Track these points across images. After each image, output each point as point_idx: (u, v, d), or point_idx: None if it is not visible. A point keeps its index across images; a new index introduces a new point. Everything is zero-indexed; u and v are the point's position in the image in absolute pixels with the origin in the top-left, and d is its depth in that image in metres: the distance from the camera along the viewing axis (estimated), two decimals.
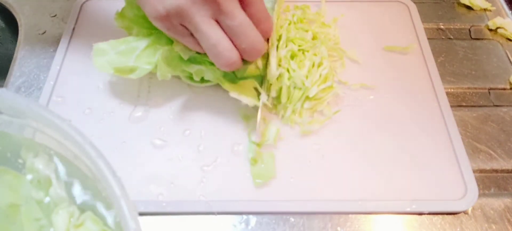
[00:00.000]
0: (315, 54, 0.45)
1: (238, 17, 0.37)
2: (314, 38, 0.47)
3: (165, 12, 0.36)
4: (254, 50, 0.38)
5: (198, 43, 0.39)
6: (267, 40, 0.42)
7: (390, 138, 0.42)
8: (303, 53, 0.45)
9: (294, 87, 0.43)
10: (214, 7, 0.36)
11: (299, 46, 0.45)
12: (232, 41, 0.38)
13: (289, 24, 0.47)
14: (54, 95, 0.45)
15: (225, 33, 0.38)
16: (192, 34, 0.38)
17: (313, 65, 0.44)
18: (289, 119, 0.43)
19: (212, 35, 0.37)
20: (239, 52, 0.38)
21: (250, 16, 0.38)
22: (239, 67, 0.39)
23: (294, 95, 0.43)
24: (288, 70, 0.43)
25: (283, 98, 0.43)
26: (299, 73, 0.43)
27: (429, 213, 0.38)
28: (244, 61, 0.40)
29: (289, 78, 0.43)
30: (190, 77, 0.44)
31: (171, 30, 0.38)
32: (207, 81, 0.44)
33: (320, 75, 0.44)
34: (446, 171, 0.40)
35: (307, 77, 0.43)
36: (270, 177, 0.39)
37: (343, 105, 0.45)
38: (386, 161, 0.41)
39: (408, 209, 0.38)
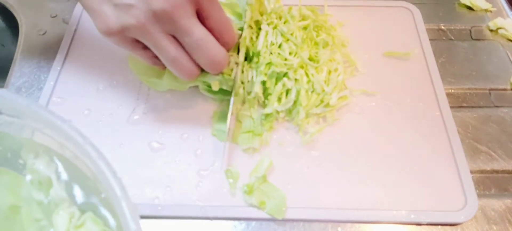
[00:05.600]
0: (330, 60, 0.45)
1: (196, 33, 0.36)
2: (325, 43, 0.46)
3: (119, 29, 0.36)
4: (214, 64, 0.38)
5: (151, 56, 0.39)
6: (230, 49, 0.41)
7: (390, 146, 0.42)
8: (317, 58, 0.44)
9: (312, 92, 0.43)
10: (170, 25, 0.35)
11: (316, 52, 0.45)
12: (192, 57, 0.38)
13: (305, 28, 0.46)
14: (54, 96, 0.45)
15: (184, 48, 0.37)
16: (144, 47, 0.38)
17: (330, 72, 0.44)
18: (301, 122, 0.42)
19: (170, 50, 0.37)
20: (200, 66, 0.38)
21: (210, 29, 0.37)
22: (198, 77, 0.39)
23: (311, 100, 0.42)
24: (306, 74, 0.43)
25: (303, 101, 0.42)
26: (318, 77, 0.42)
27: (428, 224, 0.38)
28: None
29: (308, 82, 0.42)
30: (208, 90, 0.43)
31: (122, 44, 0.38)
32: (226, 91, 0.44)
33: (337, 82, 0.44)
34: (446, 181, 0.40)
35: (326, 82, 0.43)
36: (284, 210, 0.38)
37: (344, 112, 0.44)
38: (386, 169, 0.40)
39: (407, 219, 0.38)
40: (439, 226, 0.38)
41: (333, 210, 0.38)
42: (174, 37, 0.37)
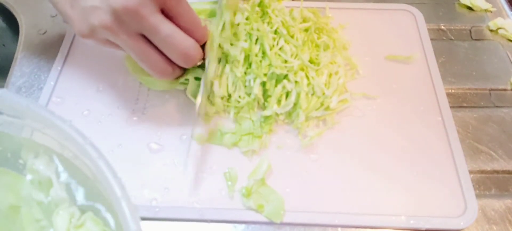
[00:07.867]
0: (331, 63, 0.44)
1: (163, 30, 0.36)
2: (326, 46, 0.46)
3: (89, 31, 0.36)
4: (186, 57, 0.38)
5: None
6: (203, 46, 0.40)
7: (390, 151, 0.42)
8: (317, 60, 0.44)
9: (312, 94, 0.42)
10: (135, 24, 0.35)
11: (317, 54, 0.44)
12: (164, 53, 0.38)
13: (306, 30, 0.46)
14: (54, 95, 0.45)
15: (155, 46, 0.37)
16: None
17: (330, 75, 0.44)
18: (301, 125, 0.42)
19: (140, 50, 0.37)
20: (173, 61, 0.38)
21: (180, 27, 0.37)
22: (177, 75, 0.40)
23: (311, 103, 0.42)
24: (307, 77, 0.42)
25: (303, 104, 0.42)
26: (318, 80, 0.42)
27: (427, 230, 0.37)
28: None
29: (308, 85, 0.42)
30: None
31: (101, 45, 0.38)
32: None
33: (337, 86, 0.43)
34: (446, 186, 0.39)
35: (326, 85, 0.43)
36: (282, 213, 0.38)
37: (344, 115, 0.44)
38: (386, 173, 0.40)
39: (406, 225, 0.37)
40: None
41: (332, 214, 0.38)
42: (145, 37, 0.37)
